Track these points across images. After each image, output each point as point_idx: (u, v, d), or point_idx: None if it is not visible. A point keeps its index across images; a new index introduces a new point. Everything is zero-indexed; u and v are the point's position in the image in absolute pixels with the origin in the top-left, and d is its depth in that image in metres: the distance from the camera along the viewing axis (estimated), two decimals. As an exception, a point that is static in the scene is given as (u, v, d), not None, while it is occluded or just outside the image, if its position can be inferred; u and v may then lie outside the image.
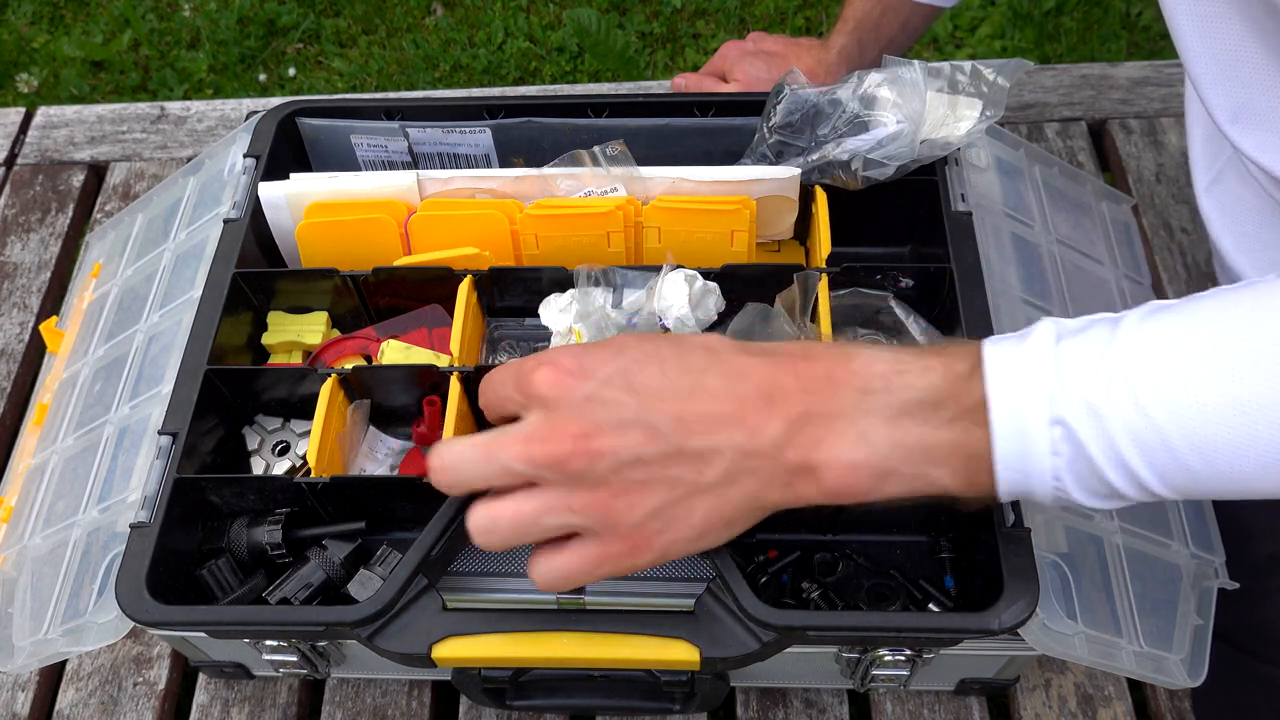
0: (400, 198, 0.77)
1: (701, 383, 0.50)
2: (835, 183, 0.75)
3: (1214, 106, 0.64)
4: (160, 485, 0.67)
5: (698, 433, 0.50)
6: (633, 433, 0.49)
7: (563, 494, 0.50)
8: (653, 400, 0.50)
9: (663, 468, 0.50)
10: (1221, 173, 0.76)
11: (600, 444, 0.49)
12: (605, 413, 0.50)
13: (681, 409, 0.50)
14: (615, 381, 0.50)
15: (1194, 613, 0.70)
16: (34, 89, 1.82)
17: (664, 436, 0.49)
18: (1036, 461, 0.48)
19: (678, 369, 0.51)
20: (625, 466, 0.49)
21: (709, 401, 0.50)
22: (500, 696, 0.72)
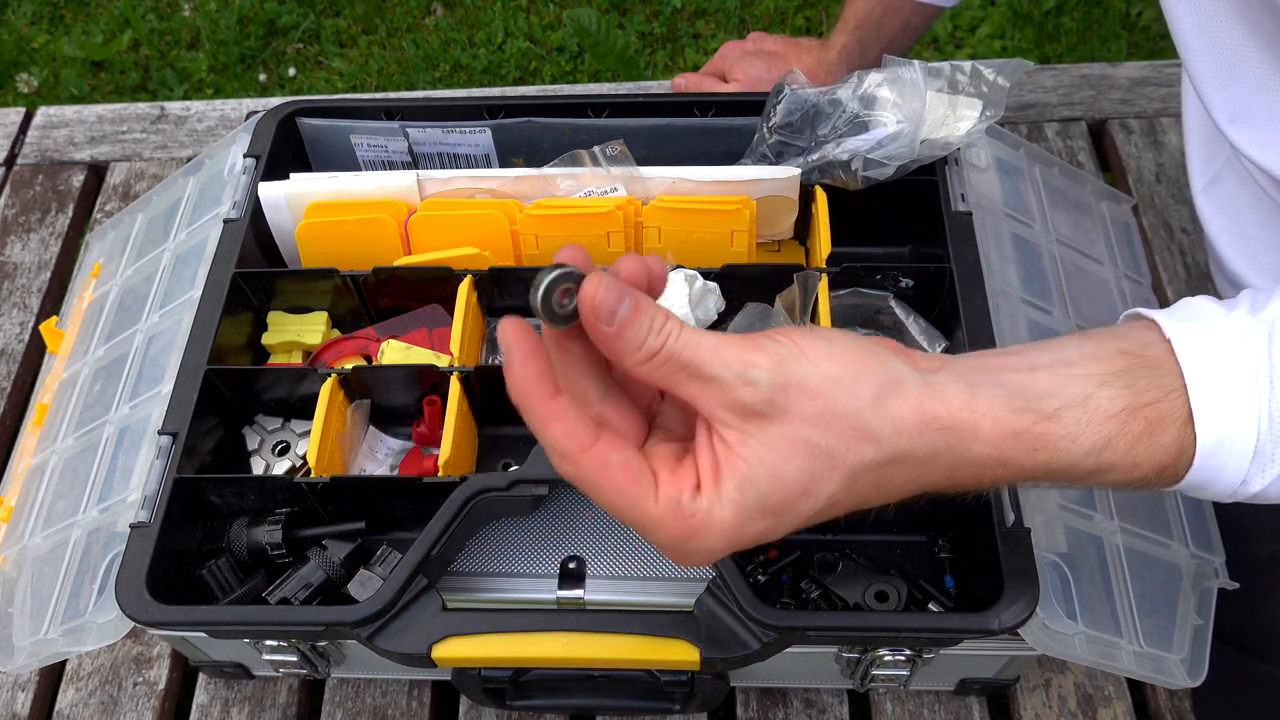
0: (400, 198, 0.77)
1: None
2: (835, 183, 0.75)
3: (1213, 105, 0.64)
4: (160, 485, 0.67)
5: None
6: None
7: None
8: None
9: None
10: (1219, 173, 0.76)
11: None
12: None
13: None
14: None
15: (1194, 613, 0.70)
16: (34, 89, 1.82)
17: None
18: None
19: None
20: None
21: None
22: (500, 696, 0.72)
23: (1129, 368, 0.48)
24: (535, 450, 0.65)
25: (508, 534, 0.72)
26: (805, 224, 0.81)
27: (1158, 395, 0.47)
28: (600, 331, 0.43)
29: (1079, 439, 0.47)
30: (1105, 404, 0.47)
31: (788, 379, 0.43)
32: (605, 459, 0.44)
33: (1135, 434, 0.47)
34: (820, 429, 0.44)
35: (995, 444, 0.46)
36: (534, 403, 0.44)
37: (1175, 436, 0.47)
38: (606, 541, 0.71)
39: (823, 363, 0.44)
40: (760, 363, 0.43)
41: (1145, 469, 0.48)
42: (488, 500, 0.64)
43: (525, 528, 0.72)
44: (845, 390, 0.44)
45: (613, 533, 0.71)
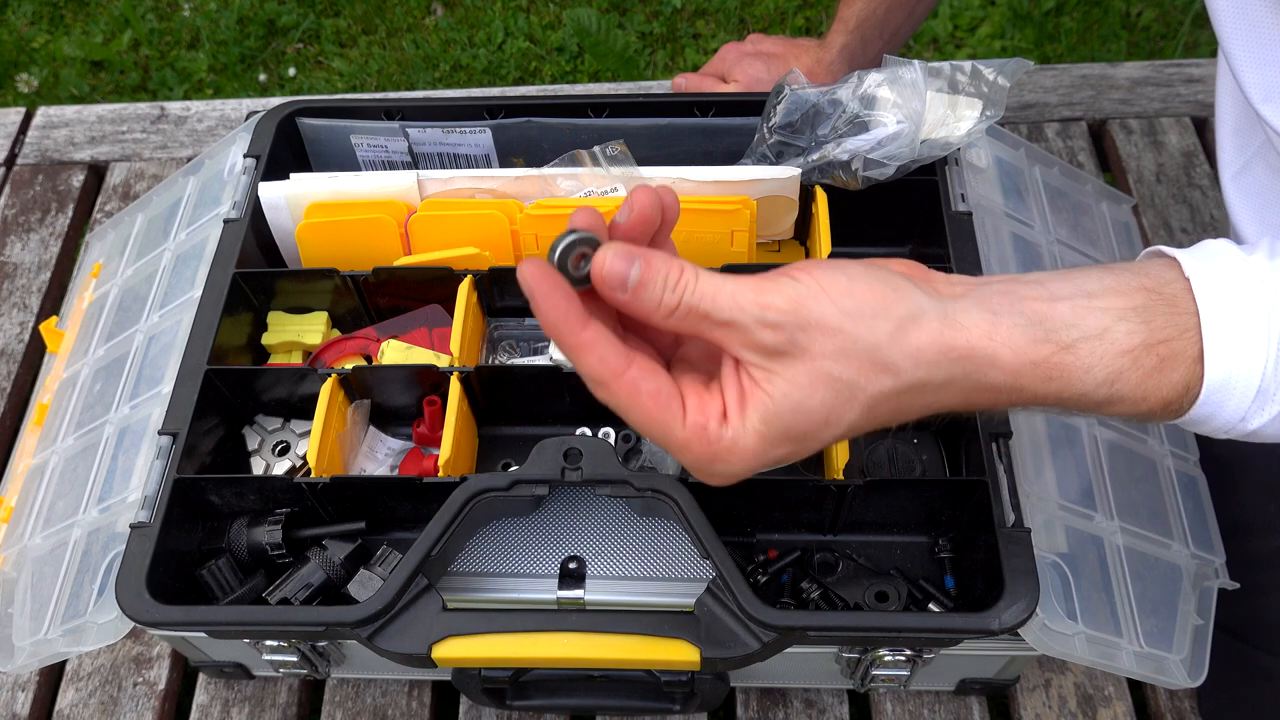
0: (400, 198, 0.77)
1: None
2: (835, 183, 0.75)
3: (1248, 85, 0.64)
4: (160, 485, 0.67)
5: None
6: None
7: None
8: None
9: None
10: (1249, 162, 0.76)
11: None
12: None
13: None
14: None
15: (1194, 613, 0.70)
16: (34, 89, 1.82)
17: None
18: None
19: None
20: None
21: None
22: (500, 696, 0.72)
23: (1148, 304, 0.49)
24: (535, 450, 0.65)
25: (508, 534, 0.72)
26: (805, 224, 0.81)
27: (1173, 333, 0.49)
28: (616, 299, 0.46)
29: (1093, 370, 0.48)
30: (1122, 338, 0.49)
31: (807, 319, 0.46)
32: (636, 385, 0.47)
33: (1147, 369, 0.49)
34: (841, 363, 0.46)
35: (1012, 372, 0.48)
36: (566, 335, 0.47)
37: (1184, 373, 0.49)
38: (606, 541, 0.71)
39: (842, 299, 0.46)
40: (777, 305, 0.46)
41: (1152, 402, 0.50)
42: (488, 500, 0.64)
43: (525, 528, 0.72)
44: (864, 326, 0.46)
45: (613, 533, 0.71)
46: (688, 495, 0.62)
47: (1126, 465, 0.73)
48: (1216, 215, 1.01)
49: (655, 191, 0.49)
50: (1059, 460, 0.70)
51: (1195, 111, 1.08)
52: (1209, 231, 1.00)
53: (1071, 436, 0.72)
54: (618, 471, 0.64)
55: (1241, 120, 0.76)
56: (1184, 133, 1.07)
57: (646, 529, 0.71)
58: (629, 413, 0.48)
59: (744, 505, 0.70)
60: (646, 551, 0.71)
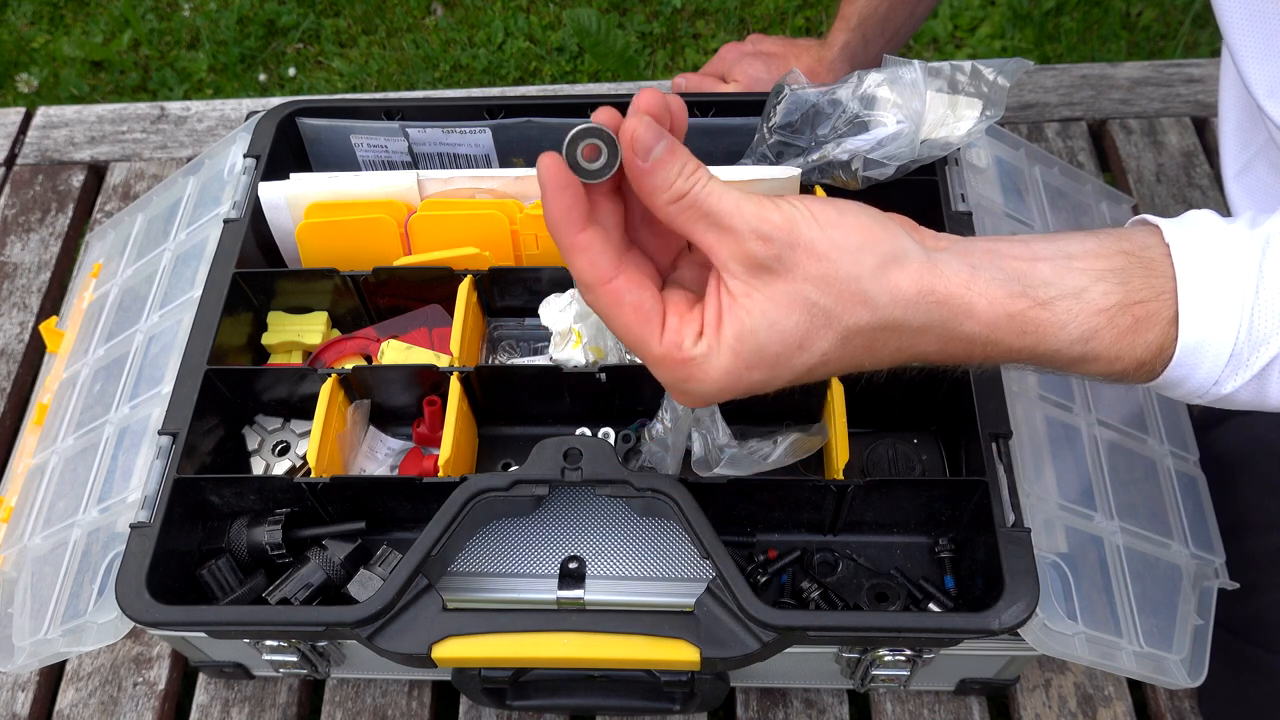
0: (400, 198, 0.77)
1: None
2: (835, 183, 0.75)
3: (1252, 80, 0.64)
4: (160, 485, 0.67)
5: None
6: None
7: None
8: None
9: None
10: (1252, 160, 0.76)
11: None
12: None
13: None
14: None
15: (1194, 613, 0.70)
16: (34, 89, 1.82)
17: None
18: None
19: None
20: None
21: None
22: (500, 696, 0.72)
23: (1126, 266, 0.50)
24: (535, 450, 0.65)
25: (508, 534, 0.72)
26: (805, 224, 0.81)
27: (1149, 295, 0.50)
28: (635, 166, 0.47)
29: (1068, 327, 0.49)
30: (1099, 298, 0.49)
31: (797, 239, 0.47)
32: (620, 295, 0.48)
33: (1122, 329, 0.50)
34: (820, 289, 0.47)
35: (987, 323, 0.49)
36: (563, 234, 0.48)
37: (1159, 335, 0.50)
38: (606, 541, 0.71)
39: (832, 229, 0.47)
40: (773, 219, 0.47)
41: (1125, 362, 0.51)
42: (488, 500, 0.64)
43: (525, 528, 0.72)
44: (849, 257, 0.47)
45: (613, 533, 0.71)
46: (688, 495, 0.62)
47: (1126, 465, 0.74)
48: (1216, 215, 1.01)
49: (664, 98, 0.49)
50: (1059, 460, 0.70)
51: (1195, 111, 1.08)
52: (1209, 231, 1.00)
53: (1071, 436, 0.72)
54: (617, 471, 0.64)
55: (1244, 118, 0.76)
56: (1184, 133, 1.07)
57: (646, 529, 0.71)
58: (610, 321, 0.49)
59: (744, 505, 0.70)
60: (646, 551, 0.71)
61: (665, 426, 0.69)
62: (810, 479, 0.68)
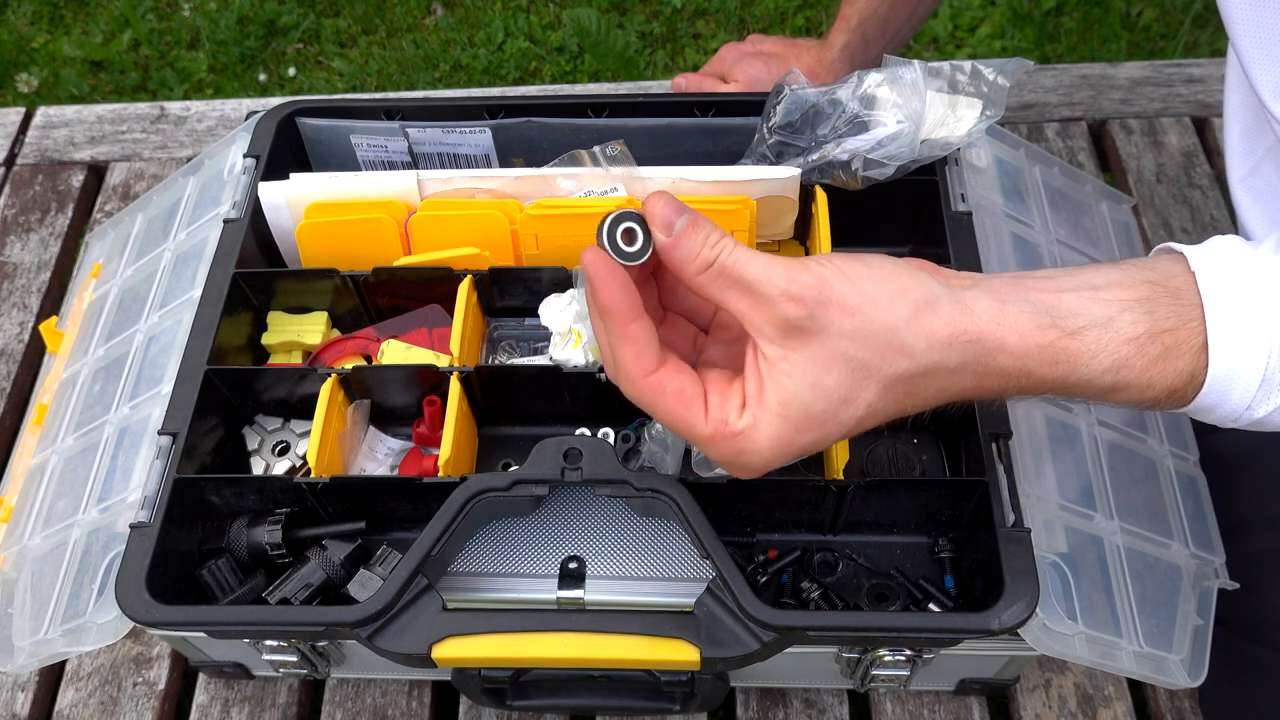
0: (400, 198, 0.77)
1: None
2: (835, 183, 0.75)
3: (1259, 82, 0.64)
4: (160, 485, 0.67)
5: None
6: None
7: None
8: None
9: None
10: (1259, 163, 0.76)
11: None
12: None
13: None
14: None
15: (1194, 613, 0.70)
16: (34, 89, 1.82)
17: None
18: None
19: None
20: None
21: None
22: (500, 696, 0.72)
23: (1152, 296, 0.51)
24: (535, 450, 0.65)
25: (508, 534, 0.72)
26: (805, 224, 0.81)
27: (1177, 323, 0.50)
28: (661, 241, 0.49)
29: (1098, 356, 0.50)
30: (1126, 327, 0.50)
31: (829, 297, 0.47)
32: (663, 384, 0.49)
33: (1152, 357, 0.50)
34: (858, 343, 0.47)
35: (1020, 356, 0.49)
36: (615, 324, 0.50)
37: (1189, 362, 0.50)
38: (606, 541, 0.71)
39: (863, 283, 0.48)
40: (803, 279, 0.47)
41: (1157, 390, 0.51)
42: (488, 500, 0.64)
43: (525, 528, 0.72)
44: (882, 308, 0.48)
45: (613, 533, 0.71)
46: (688, 495, 0.62)
47: (1126, 465, 0.74)
48: (1216, 215, 1.01)
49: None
50: (1059, 460, 0.70)
51: (1195, 111, 1.08)
52: (1209, 231, 1.00)
53: (1071, 436, 0.72)
54: (617, 471, 0.64)
55: (1251, 122, 0.76)
56: (1184, 133, 1.07)
57: (646, 529, 0.71)
58: (654, 410, 0.50)
59: (744, 505, 0.70)
60: (646, 551, 0.71)
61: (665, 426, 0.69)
62: (810, 479, 0.68)
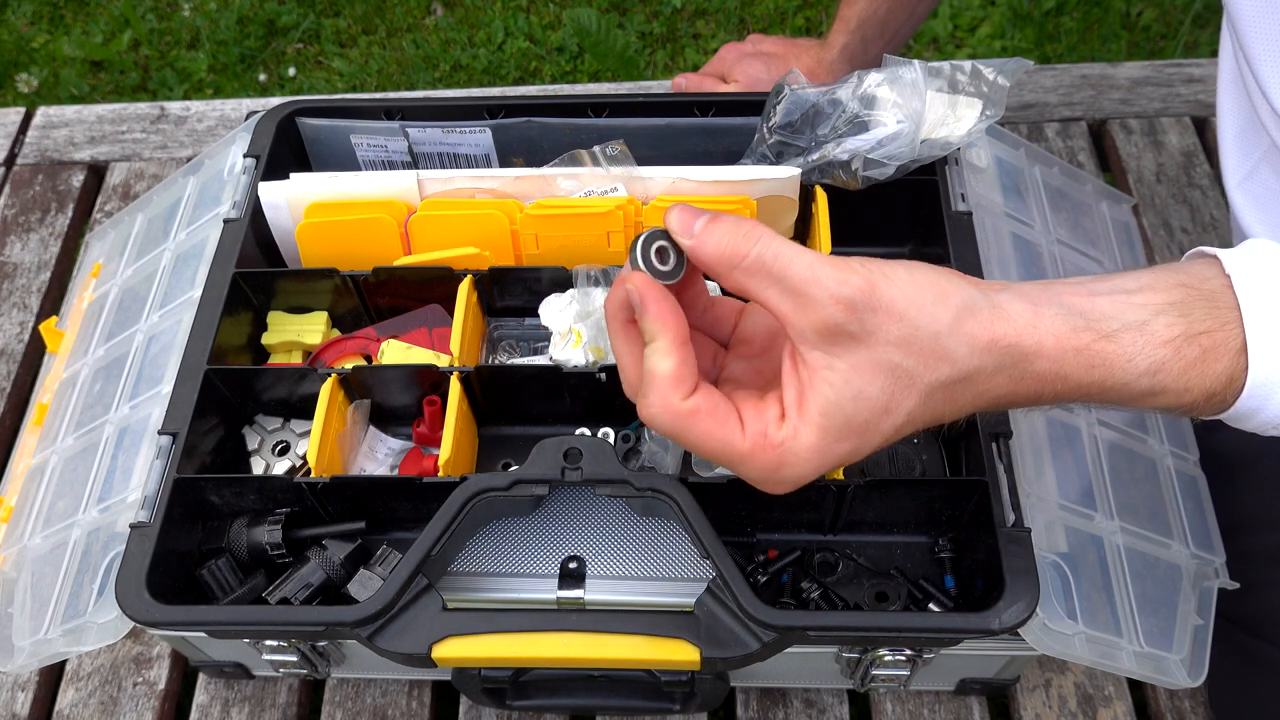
0: (400, 198, 0.77)
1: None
2: (835, 183, 0.75)
3: (1268, 83, 0.63)
4: (160, 485, 0.67)
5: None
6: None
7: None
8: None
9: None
10: (1256, 167, 0.76)
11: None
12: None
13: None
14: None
15: (1194, 613, 0.70)
16: (34, 89, 1.82)
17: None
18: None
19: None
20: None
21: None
22: (500, 696, 0.72)
23: (1186, 299, 0.50)
24: (535, 450, 0.65)
25: (508, 534, 0.72)
26: (805, 224, 0.81)
27: (1213, 325, 0.49)
28: (687, 247, 0.48)
29: (1135, 359, 0.49)
30: (1162, 330, 0.49)
31: (878, 301, 0.46)
32: (697, 408, 0.48)
33: (1189, 360, 0.49)
34: (903, 351, 0.46)
35: (1056, 360, 0.48)
36: (661, 339, 0.48)
37: (1228, 365, 0.49)
38: (606, 541, 0.71)
39: (907, 287, 0.47)
40: (854, 282, 0.46)
41: (1195, 394, 0.50)
42: (488, 500, 0.64)
43: (525, 528, 0.72)
44: (927, 314, 0.47)
45: (613, 533, 0.71)
46: (688, 495, 0.62)
47: (1126, 465, 0.74)
48: (1216, 215, 1.01)
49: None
50: (1059, 460, 0.70)
51: (1195, 111, 1.08)
52: (1209, 231, 1.00)
53: (1071, 436, 0.72)
54: (617, 471, 0.64)
55: (1245, 126, 0.76)
56: (1184, 133, 1.07)
57: (646, 529, 0.71)
58: (687, 435, 0.48)
59: (744, 505, 0.70)
60: (646, 551, 0.71)
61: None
62: (810, 479, 0.68)
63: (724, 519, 0.70)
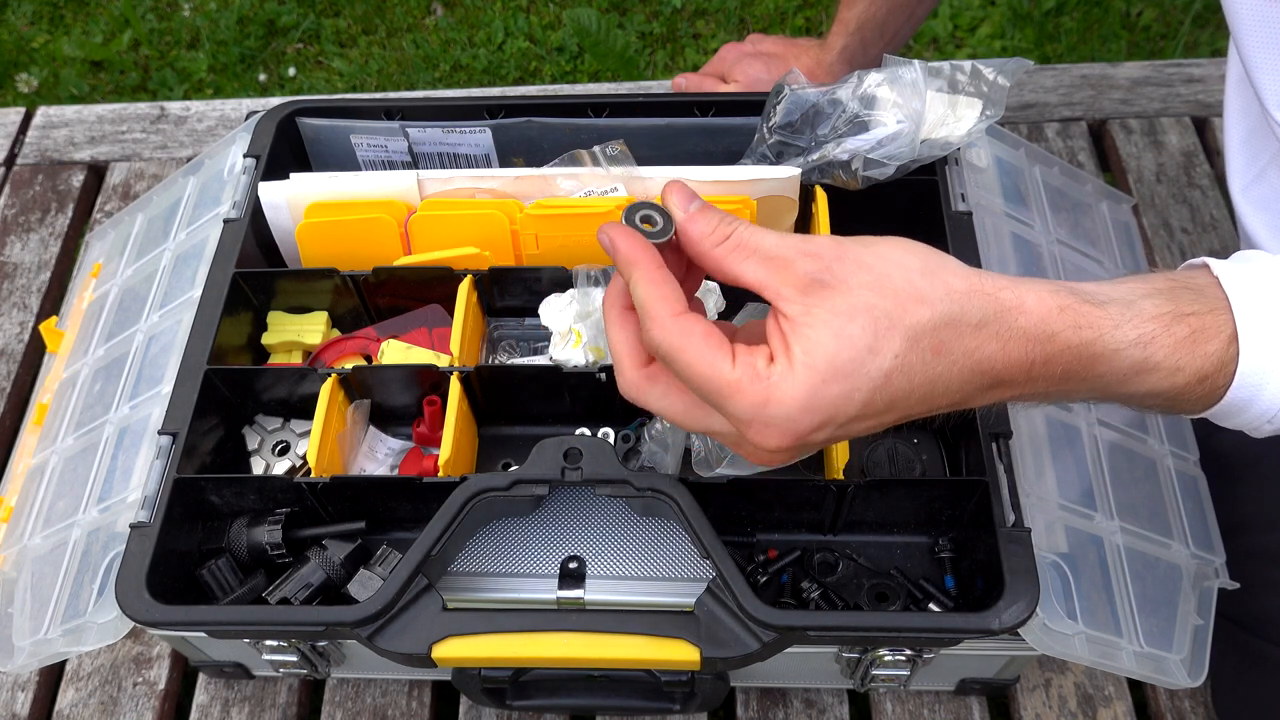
0: (400, 198, 0.77)
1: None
2: (835, 183, 0.75)
3: (1265, 91, 0.64)
4: (160, 485, 0.67)
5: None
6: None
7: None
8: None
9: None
10: (1263, 171, 0.76)
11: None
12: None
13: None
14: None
15: (1194, 613, 0.70)
16: (34, 89, 1.82)
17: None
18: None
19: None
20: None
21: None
22: (500, 696, 0.72)
23: (1173, 288, 0.51)
24: (535, 450, 0.65)
25: (508, 534, 0.72)
26: (805, 224, 0.81)
27: (1201, 309, 0.50)
28: (678, 218, 0.52)
29: (1122, 326, 0.49)
30: (1149, 308, 0.50)
31: (845, 253, 0.49)
32: (690, 325, 0.49)
33: (1179, 337, 0.50)
34: (877, 293, 0.48)
35: (1040, 317, 0.49)
36: (640, 268, 0.50)
37: (1218, 349, 0.50)
38: (606, 541, 0.71)
39: (875, 244, 0.50)
40: (818, 240, 0.50)
41: (1188, 374, 0.50)
42: (488, 500, 0.64)
43: (525, 528, 0.72)
44: (896, 265, 0.49)
45: (613, 533, 0.72)
46: (688, 495, 0.62)
47: (1126, 465, 0.74)
48: (1216, 215, 1.01)
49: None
50: (1059, 460, 0.70)
51: (1195, 111, 1.08)
52: (1209, 231, 1.00)
53: (1071, 436, 0.72)
54: (617, 471, 0.64)
55: (1253, 131, 0.76)
56: (1184, 133, 1.07)
57: (646, 529, 0.71)
58: (681, 354, 0.49)
59: (744, 505, 0.70)
60: (646, 551, 0.71)
61: (665, 426, 0.69)
62: (810, 479, 0.68)
63: (724, 519, 0.70)
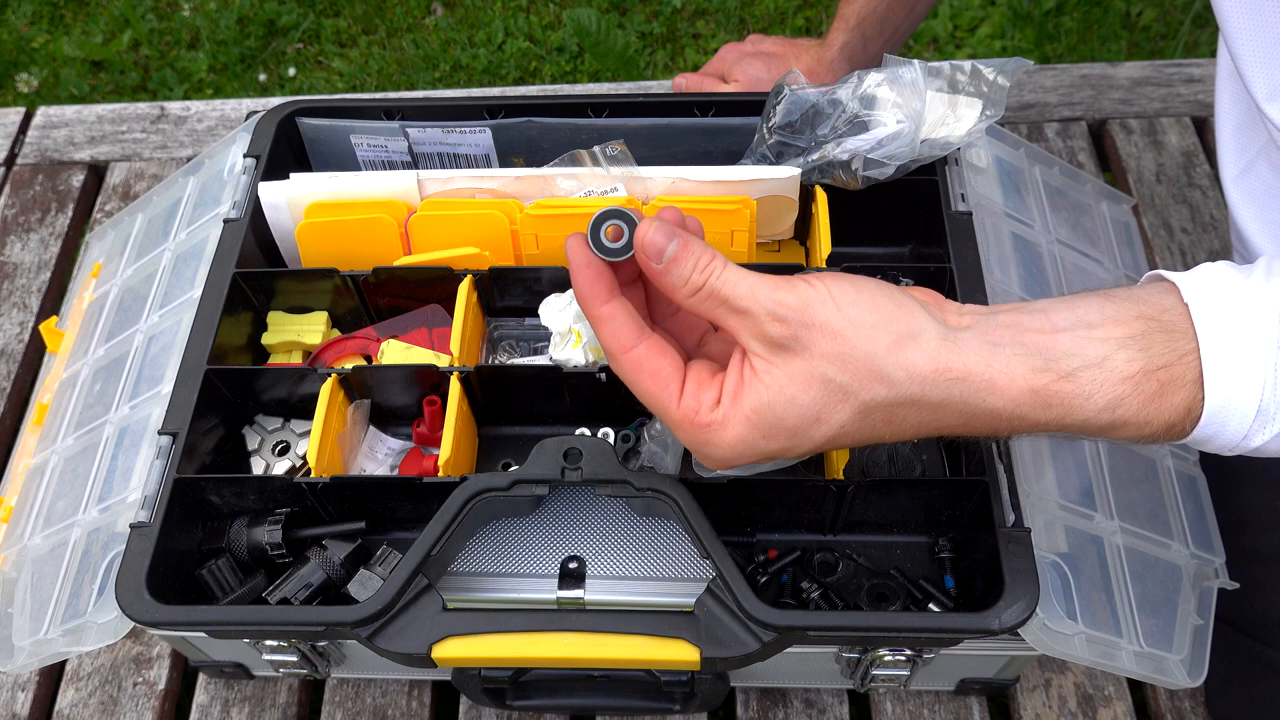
0: (400, 198, 0.77)
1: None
2: (835, 183, 0.75)
3: (1254, 83, 0.64)
4: (160, 485, 0.67)
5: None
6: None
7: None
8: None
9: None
10: (1253, 162, 0.76)
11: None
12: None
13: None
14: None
15: (1194, 613, 0.70)
16: (34, 89, 1.82)
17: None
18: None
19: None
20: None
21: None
22: (500, 696, 0.72)
23: (1146, 331, 0.51)
24: (535, 450, 0.65)
25: (508, 534, 0.72)
26: (805, 224, 0.81)
27: (1172, 359, 0.50)
28: (651, 269, 0.51)
29: (1093, 397, 0.50)
30: (1121, 366, 0.50)
31: (812, 320, 0.49)
32: (640, 362, 0.52)
33: (1148, 394, 0.50)
34: (837, 366, 0.49)
35: (1011, 399, 0.50)
36: (589, 306, 0.52)
37: (1185, 397, 0.50)
38: (606, 541, 0.71)
39: (848, 307, 0.49)
40: (788, 302, 0.49)
41: (1155, 426, 0.51)
42: (488, 500, 0.64)
43: (525, 528, 0.72)
44: (864, 335, 0.49)
45: (613, 533, 0.71)
46: (688, 495, 0.62)
47: (1126, 465, 0.74)
48: (1216, 215, 1.01)
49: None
50: (1059, 460, 0.70)
51: (1195, 111, 1.08)
52: (1209, 231, 1.00)
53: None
54: (617, 471, 0.64)
55: (1243, 121, 0.76)
56: (1184, 133, 1.07)
57: (646, 529, 0.71)
58: (633, 386, 0.53)
59: (744, 505, 0.70)
60: (646, 551, 0.71)
61: (665, 425, 0.69)
62: (810, 479, 0.68)
63: (724, 519, 0.70)
